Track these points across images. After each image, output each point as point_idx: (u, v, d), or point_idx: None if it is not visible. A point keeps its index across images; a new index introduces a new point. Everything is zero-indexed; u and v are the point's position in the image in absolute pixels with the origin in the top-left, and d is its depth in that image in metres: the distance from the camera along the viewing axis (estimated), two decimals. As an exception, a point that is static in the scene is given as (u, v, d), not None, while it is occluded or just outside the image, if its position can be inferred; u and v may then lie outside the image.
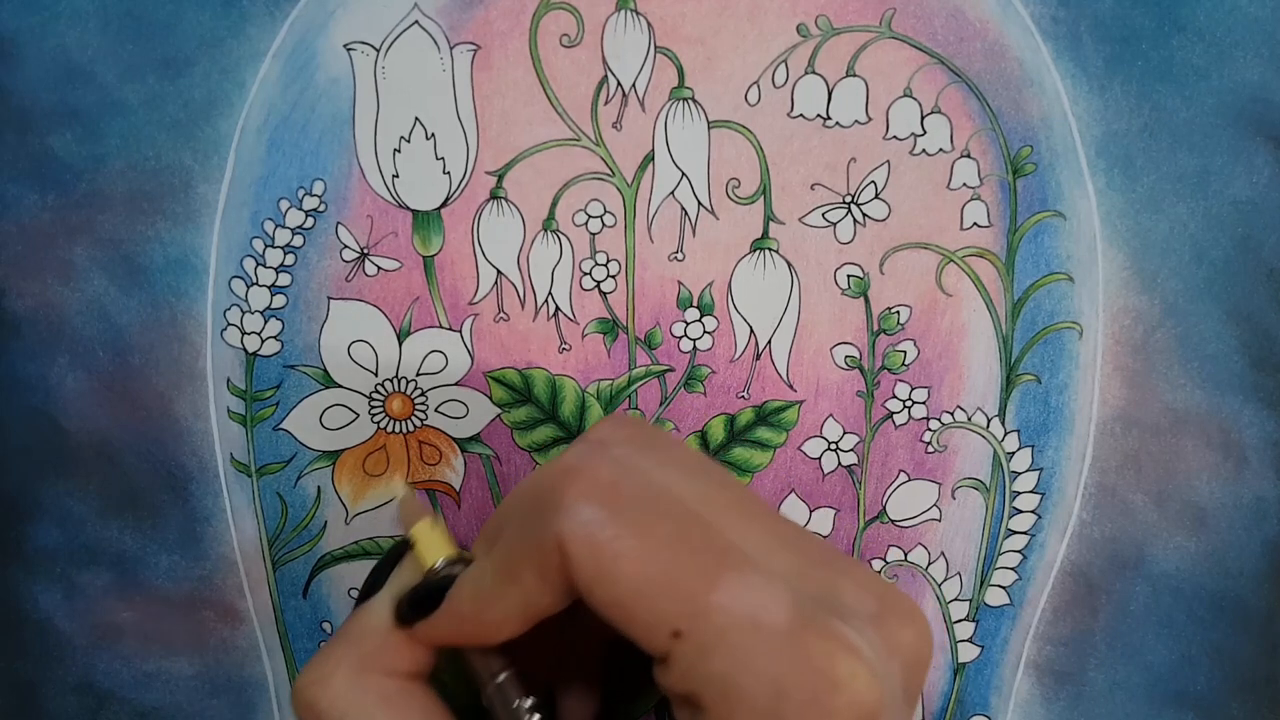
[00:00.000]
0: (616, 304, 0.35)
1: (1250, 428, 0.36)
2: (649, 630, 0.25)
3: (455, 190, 0.35)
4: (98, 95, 0.34)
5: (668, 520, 0.26)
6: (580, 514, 0.26)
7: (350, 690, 0.28)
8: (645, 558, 0.25)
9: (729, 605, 0.25)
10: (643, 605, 0.25)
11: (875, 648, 0.25)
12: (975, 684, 0.37)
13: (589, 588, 0.25)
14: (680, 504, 0.27)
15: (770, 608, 0.25)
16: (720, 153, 0.35)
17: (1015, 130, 0.35)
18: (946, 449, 0.36)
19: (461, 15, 0.34)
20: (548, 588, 0.26)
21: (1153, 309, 0.36)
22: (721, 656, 0.25)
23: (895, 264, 0.36)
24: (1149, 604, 0.37)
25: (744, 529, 0.27)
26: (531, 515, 0.27)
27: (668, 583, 0.25)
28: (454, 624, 0.28)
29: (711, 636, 0.25)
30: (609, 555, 0.25)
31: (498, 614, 0.27)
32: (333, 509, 0.36)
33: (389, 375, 0.35)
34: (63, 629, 0.36)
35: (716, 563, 0.26)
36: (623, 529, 0.26)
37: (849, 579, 0.27)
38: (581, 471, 0.27)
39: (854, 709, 0.24)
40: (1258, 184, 0.35)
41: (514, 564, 0.27)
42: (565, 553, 0.25)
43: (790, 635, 0.25)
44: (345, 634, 0.30)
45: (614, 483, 0.27)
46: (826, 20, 0.35)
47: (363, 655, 0.29)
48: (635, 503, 0.26)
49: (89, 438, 0.35)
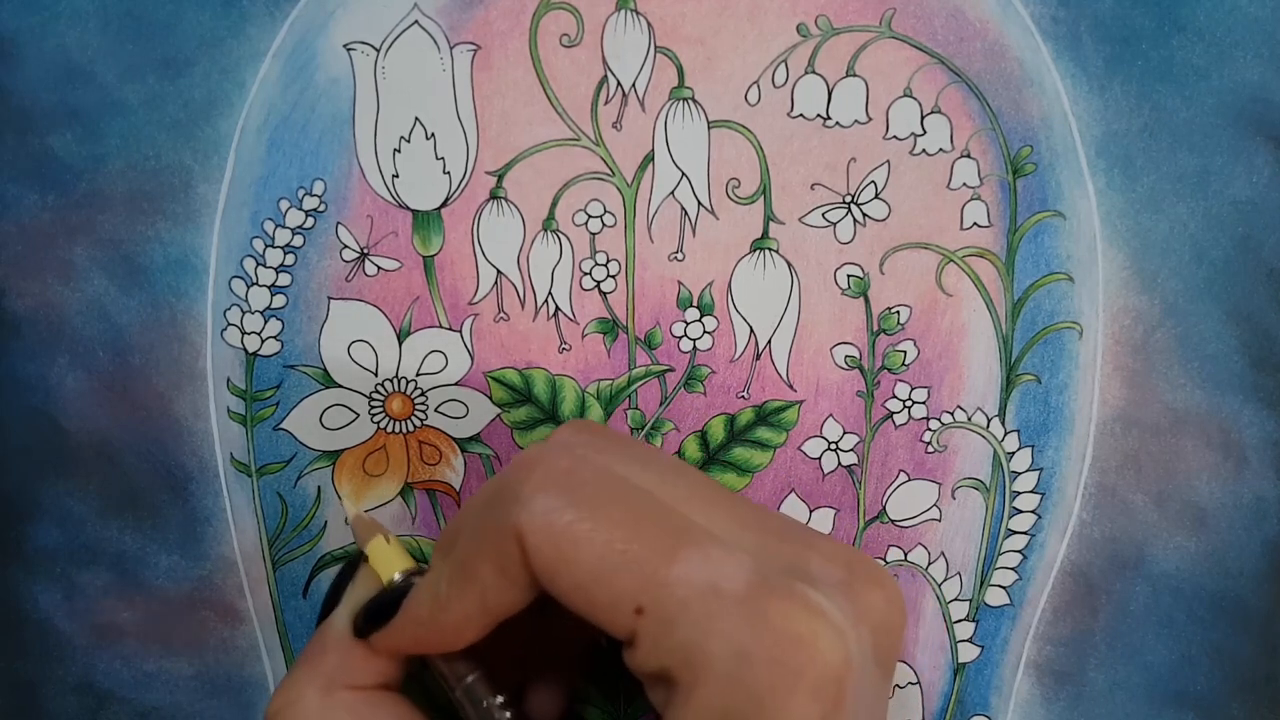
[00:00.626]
0: (616, 304, 0.35)
1: (1250, 428, 0.36)
2: (611, 610, 0.25)
3: (455, 190, 0.35)
4: (98, 95, 0.34)
5: (624, 503, 0.26)
6: (537, 503, 0.26)
7: (318, 711, 0.29)
8: (603, 539, 0.25)
9: (688, 576, 0.25)
10: (603, 586, 0.25)
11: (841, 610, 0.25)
12: (975, 684, 0.37)
13: (550, 575, 0.26)
14: (636, 488, 0.27)
15: (730, 575, 0.25)
16: (720, 153, 0.35)
17: (1015, 130, 0.35)
18: (946, 449, 0.36)
19: (461, 15, 0.34)
20: (507, 582, 0.26)
21: (1153, 309, 0.36)
22: (684, 627, 0.25)
23: (895, 264, 0.36)
24: (1149, 604, 0.37)
25: (705, 511, 0.27)
26: (488, 513, 0.27)
27: (626, 561, 0.25)
28: (412, 630, 0.28)
29: (673, 608, 0.25)
30: (568, 540, 0.25)
31: (456, 616, 0.27)
32: (333, 509, 0.36)
33: (389, 375, 0.35)
34: (63, 629, 0.36)
35: (674, 538, 0.26)
36: (579, 513, 0.26)
37: (815, 551, 0.27)
38: (539, 462, 0.27)
39: (819, 667, 0.24)
40: (1258, 184, 0.35)
41: (471, 562, 0.27)
42: (524, 542, 0.26)
43: (750, 599, 0.25)
44: (307, 654, 0.30)
45: (569, 470, 0.27)
46: (826, 20, 0.35)
47: (327, 673, 0.29)
48: (591, 488, 0.27)
49: (89, 438, 0.35)
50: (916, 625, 0.37)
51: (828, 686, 0.24)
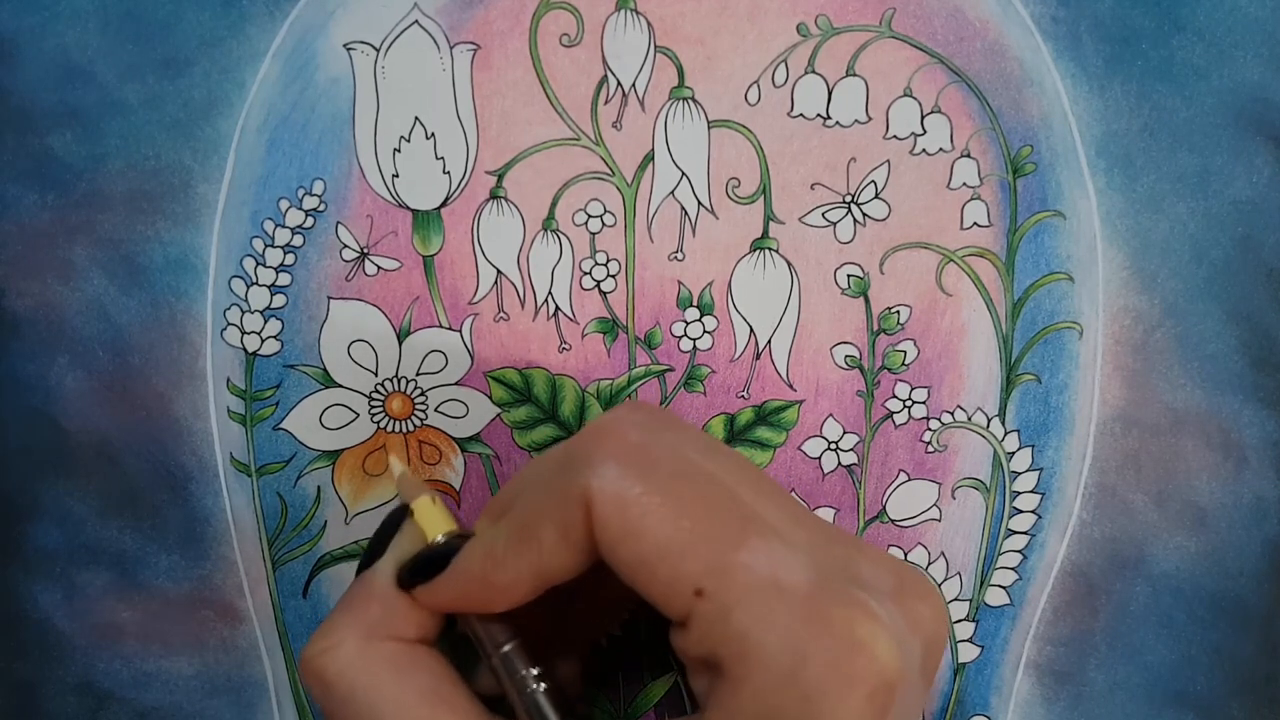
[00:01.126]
0: (616, 304, 0.35)
1: (1250, 428, 0.36)
2: (671, 589, 0.25)
3: (455, 190, 0.35)
4: (98, 95, 0.34)
5: (694, 484, 0.26)
6: (609, 471, 0.26)
7: (358, 657, 0.28)
8: (672, 516, 0.25)
9: (753, 566, 0.25)
10: (667, 563, 0.25)
11: (895, 620, 0.25)
12: (975, 684, 0.37)
13: (613, 545, 0.25)
14: (705, 471, 0.27)
15: (793, 571, 0.25)
16: (720, 152, 0.35)
17: (1015, 130, 0.35)
18: (946, 449, 0.36)
19: (461, 15, 0.34)
20: (567, 547, 0.26)
21: (1153, 309, 0.36)
22: (743, 616, 0.24)
23: (895, 264, 0.36)
24: (1149, 604, 0.37)
25: (763, 503, 0.27)
26: (555, 476, 0.27)
27: (693, 541, 0.25)
28: (461, 586, 0.28)
29: (734, 595, 0.25)
30: (636, 512, 0.25)
31: (509, 575, 0.27)
32: (333, 509, 0.36)
33: (389, 375, 0.35)
34: (63, 629, 0.36)
35: (741, 526, 0.26)
36: (650, 487, 0.26)
37: (865, 557, 0.27)
38: (611, 433, 0.27)
39: (875, 675, 0.24)
40: (1258, 184, 0.35)
41: (532, 522, 0.27)
42: (591, 509, 0.25)
43: (812, 599, 0.25)
44: (349, 602, 0.29)
45: (643, 445, 0.27)
46: (826, 20, 0.35)
47: (369, 622, 0.29)
48: (662, 465, 0.26)
49: (89, 438, 0.35)
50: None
51: (880, 694, 0.24)
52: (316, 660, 0.28)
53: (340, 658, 0.28)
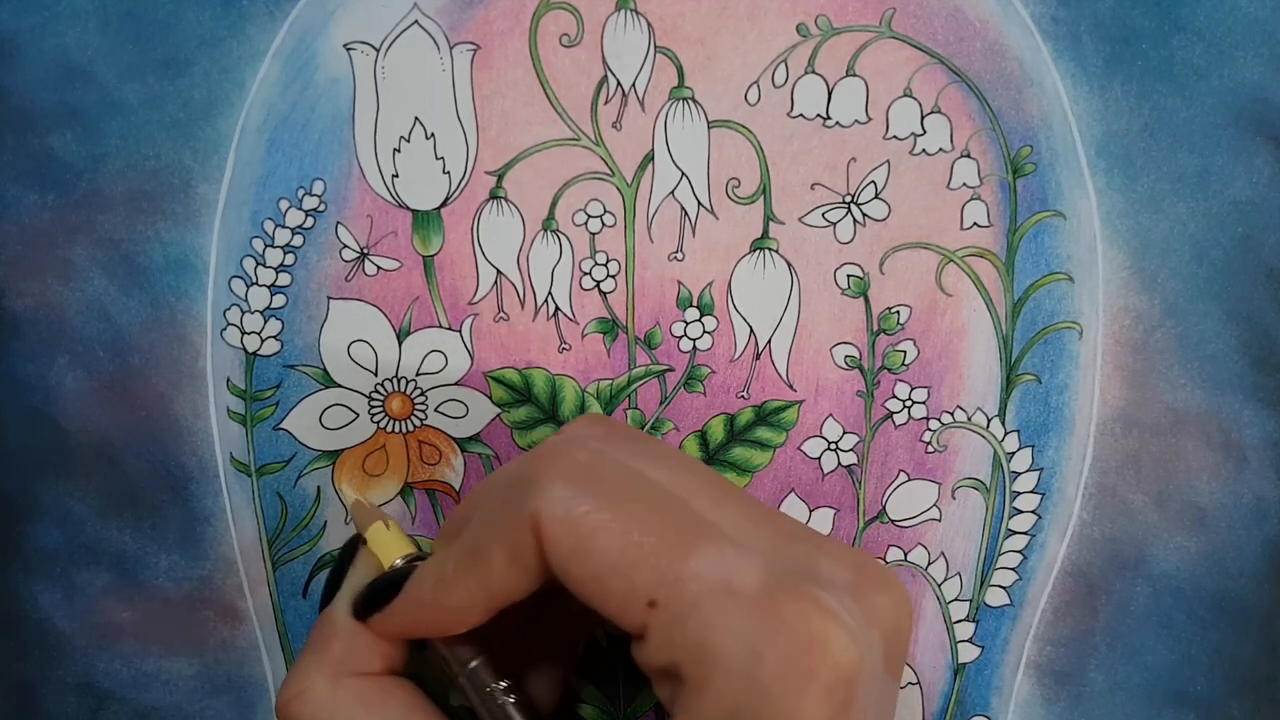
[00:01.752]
0: (616, 304, 0.35)
1: (1250, 428, 0.36)
2: (625, 603, 0.25)
3: (455, 190, 0.35)
4: (98, 95, 0.34)
5: (642, 497, 0.26)
6: (556, 491, 0.26)
7: (328, 700, 0.28)
8: (620, 531, 0.25)
9: (703, 572, 0.25)
10: (618, 578, 0.25)
11: (852, 613, 0.25)
12: (975, 684, 0.37)
13: (564, 564, 0.26)
14: (654, 484, 0.27)
15: (744, 573, 0.25)
16: (720, 152, 0.35)
17: (1015, 130, 0.35)
18: (946, 449, 0.36)
19: (461, 15, 0.34)
20: (517, 569, 0.26)
21: (1153, 309, 0.36)
22: (697, 622, 0.25)
23: (895, 264, 0.36)
24: (1149, 604, 0.37)
25: (718, 509, 0.27)
26: (503, 499, 0.27)
27: (642, 554, 0.25)
28: (414, 612, 0.28)
29: (686, 604, 0.25)
30: (585, 530, 0.25)
31: (461, 598, 0.27)
32: (333, 509, 0.36)
33: (389, 375, 0.35)
34: (63, 629, 0.36)
35: (690, 535, 0.26)
36: (598, 505, 0.26)
37: (824, 553, 0.27)
38: (558, 454, 0.27)
39: (831, 669, 0.24)
40: (1258, 184, 0.35)
41: (482, 546, 0.27)
42: (540, 530, 0.26)
43: (764, 598, 0.25)
44: (312, 642, 0.30)
45: (590, 464, 0.27)
46: (826, 20, 0.35)
47: (333, 661, 0.29)
48: (610, 482, 0.27)
49: (89, 438, 0.35)
50: (917, 625, 0.37)
51: (839, 688, 0.24)
52: (290, 707, 0.29)
53: (311, 702, 0.28)
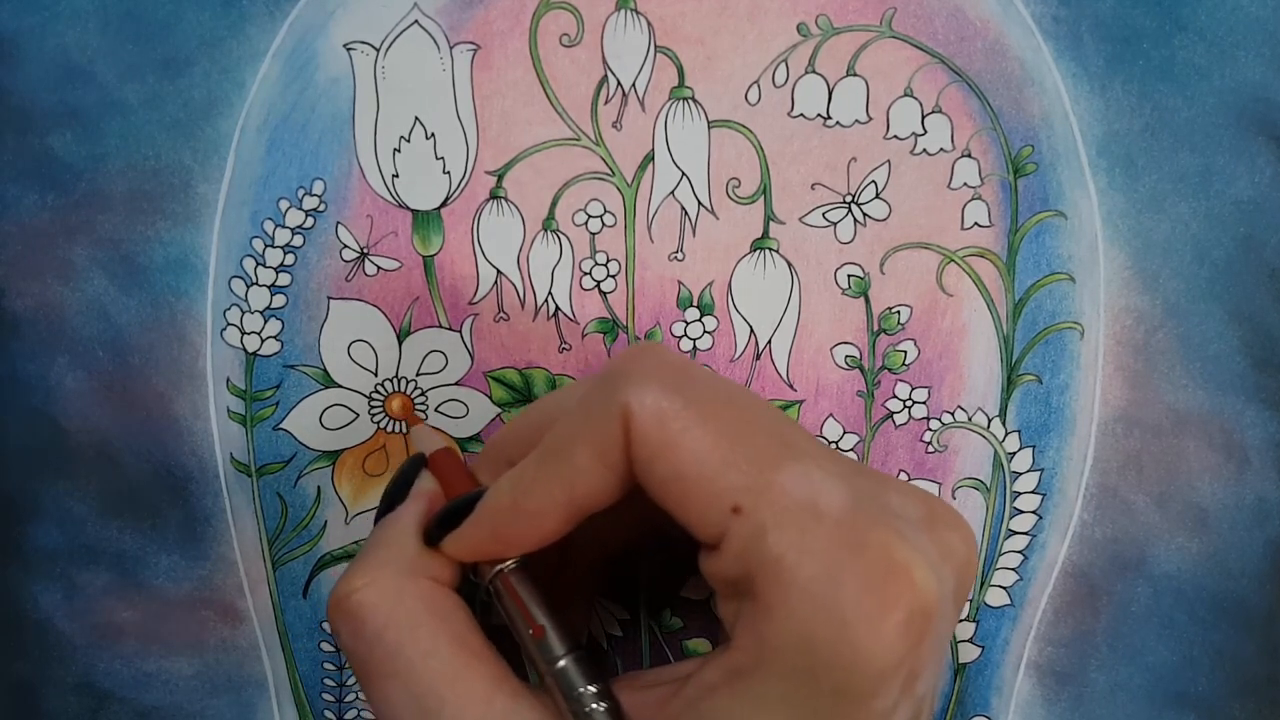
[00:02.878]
0: (616, 304, 0.35)
1: (1252, 428, 0.36)
2: (707, 505, 0.25)
3: (455, 190, 0.35)
4: (98, 95, 0.34)
5: (733, 404, 0.26)
6: (649, 386, 0.25)
7: (395, 594, 0.27)
8: (712, 431, 0.25)
9: (792, 487, 0.24)
10: (705, 479, 0.25)
11: (929, 548, 0.25)
12: (976, 684, 0.37)
13: (650, 460, 0.25)
14: (743, 396, 0.27)
15: (830, 495, 0.24)
16: (720, 152, 0.35)
17: (1016, 130, 0.35)
18: (947, 449, 0.36)
19: (461, 15, 0.34)
20: (602, 467, 0.25)
21: (1154, 309, 0.36)
22: (779, 537, 0.24)
23: (896, 264, 0.36)
24: (1150, 605, 0.37)
25: (799, 433, 0.27)
26: (590, 396, 0.26)
27: (732, 458, 0.25)
28: (489, 523, 0.27)
29: (772, 515, 0.24)
30: (676, 427, 0.25)
31: (540, 501, 0.26)
32: (333, 509, 0.36)
33: (389, 375, 0.35)
34: (63, 629, 0.36)
35: (781, 447, 0.25)
36: (690, 403, 0.25)
37: (894, 488, 0.27)
38: (651, 351, 0.27)
39: (912, 599, 0.24)
40: (1260, 184, 0.35)
41: (567, 443, 0.26)
42: (630, 422, 0.25)
43: (849, 523, 0.24)
44: (379, 542, 0.29)
45: (684, 365, 0.26)
46: (827, 20, 0.35)
47: (405, 559, 0.28)
48: (703, 384, 0.26)
49: (89, 438, 0.35)
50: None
51: (917, 619, 0.24)
52: (352, 597, 0.27)
53: (375, 594, 0.27)
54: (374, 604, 0.27)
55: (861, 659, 0.23)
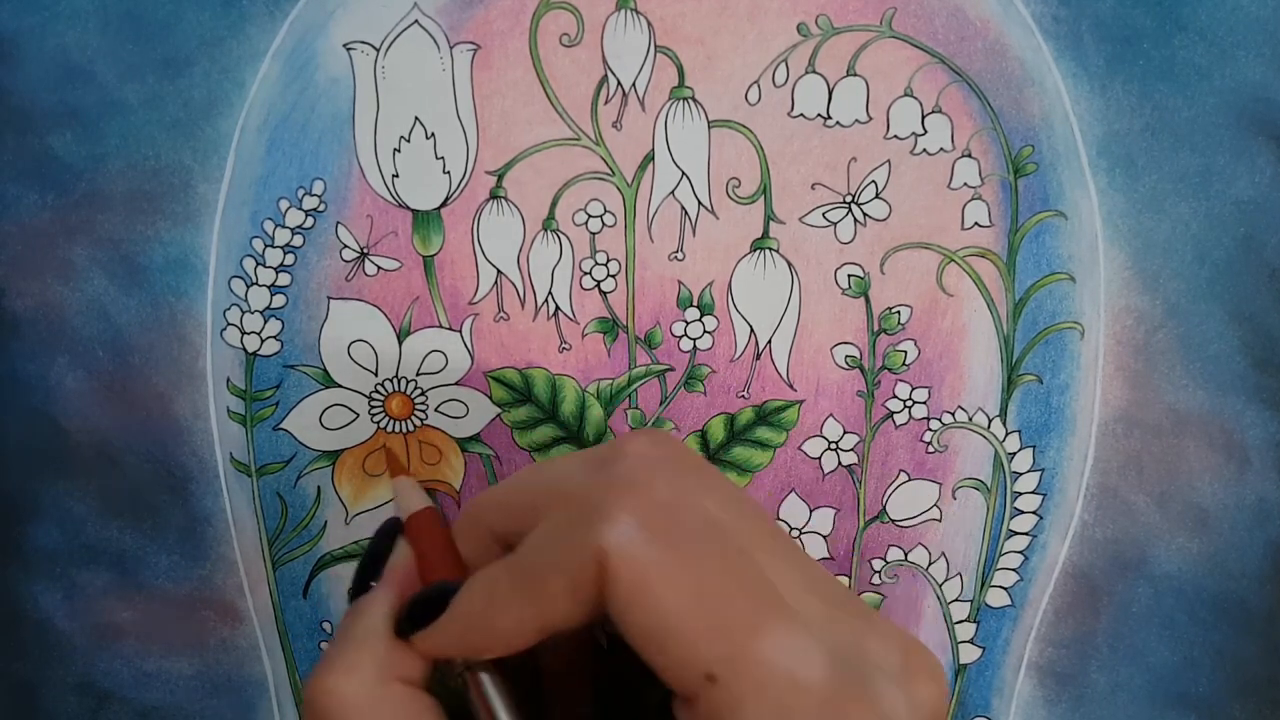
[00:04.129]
0: (616, 303, 0.35)
1: (1252, 429, 0.36)
2: (682, 667, 0.24)
3: (455, 190, 0.35)
4: (98, 95, 0.34)
5: (716, 555, 0.25)
6: (629, 530, 0.24)
7: (370, 701, 0.27)
8: (691, 591, 0.24)
9: (770, 658, 0.24)
10: (680, 641, 0.24)
11: (902, 707, 0.24)
12: (977, 685, 0.37)
13: (623, 610, 0.24)
14: (728, 538, 0.25)
15: (809, 664, 0.24)
16: (720, 152, 0.35)
17: (1016, 130, 0.35)
18: (947, 449, 0.36)
19: (461, 15, 0.34)
20: (574, 601, 0.25)
21: (1154, 309, 0.36)
22: (755, 710, 0.23)
23: (896, 264, 0.35)
24: (1151, 605, 0.37)
25: (779, 568, 0.26)
26: (570, 524, 0.25)
27: (710, 623, 0.24)
28: (460, 630, 0.27)
29: (748, 687, 0.23)
30: (655, 580, 0.24)
31: (511, 621, 0.26)
32: (333, 509, 0.36)
33: (389, 375, 0.35)
34: (63, 629, 0.36)
35: (761, 608, 0.24)
36: (671, 555, 0.24)
37: (874, 631, 0.26)
38: (636, 486, 0.25)
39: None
40: (1260, 184, 0.35)
41: (540, 571, 0.25)
42: (606, 568, 0.24)
43: (828, 699, 0.23)
44: (350, 636, 0.28)
45: (669, 504, 0.25)
46: (827, 20, 0.35)
47: (380, 660, 0.28)
48: (687, 529, 0.25)
49: (89, 438, 0.35)
50: (917, 626, 0.37)
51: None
52: (324, 700, 0.27)
53: (349, 698, 0.27)
54: (347, 709, 0.27)
55: None
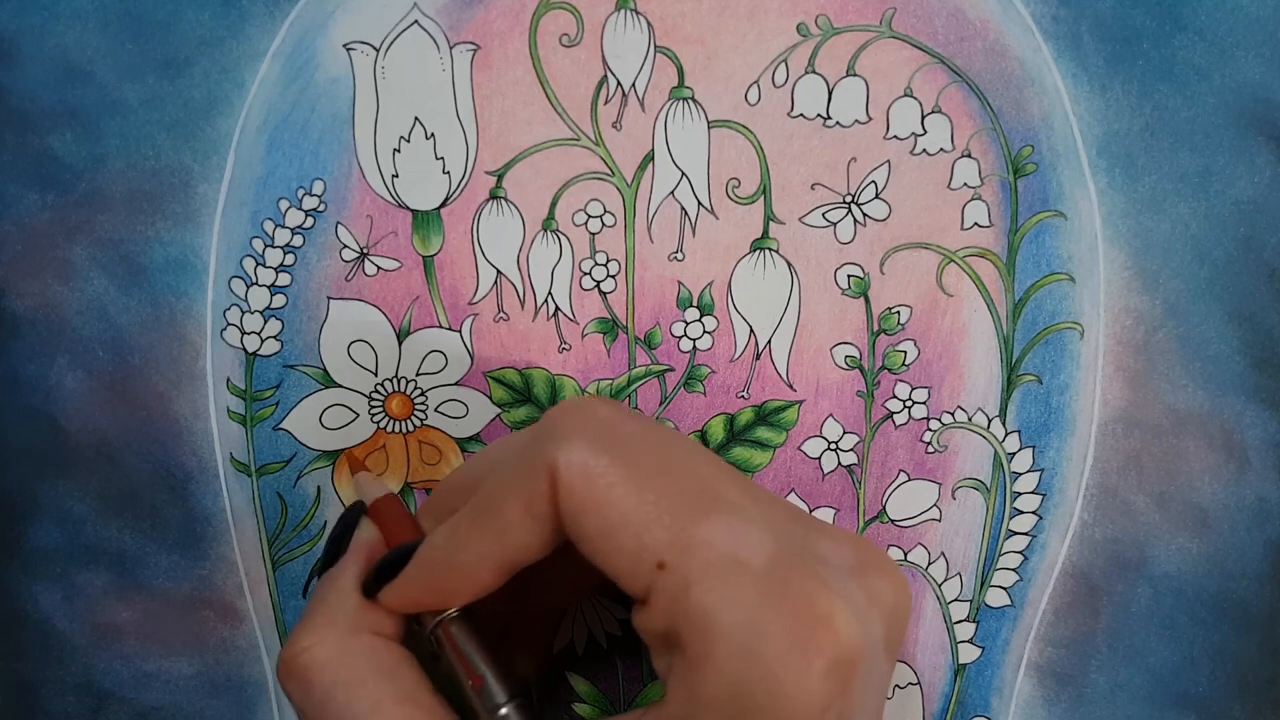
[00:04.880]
0: (616, 304, 0.35)
1: (1252, 429, 0.36)
2: (633, 562, 0.25)
3: (455, 190, 0.35)
4: (98, 95, 0.34)
5: (659, 459, 0.26)
6: (575, 442, 0.26)
7: (341, 653, 0.28)
8: (636, 488, 0.25)
9: (713, 540, 0.25)
10: (630, 535, 0.25)
11: (855, 594, 0.25)
12: (976, 685, 0.37)
13: (576, 516, 0.25)
14: (671, 448, 0.27)
15: (753, 546, 0.25)
16: (720, 152, 0.35)
17: (1016, 130, 0.35)
18: (947, 449, 0.36)
19: (461, 15, 0.34)
20: (531, 522, 0.26)
21: (1154, 309, 0.36)
22: (703, 591, 0.24)
23: (896, 264, 0.35)
24: (1151, 605, 0.37)
25: (726, 480, 0.27)
26: (520, 452, 0.27)
27: (656, 514, 0.25)
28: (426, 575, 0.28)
29: (695, 570, 0.25)
30: (602, 483, 0.25)
31: (475, 554, 0.27)
32: (333, 509, 0.36)
33: (389, 375, 0.35)
34: (63, 629, 0.36)
35: (704, 501, 0.26)
36: (616, 459, 0.26)
37: (824, 535, 0.27)
38: (579, 407, 0.27)
39: (834, 647, 0.24)
40: (1259, 184, 0.35)
41: (497, 498, 0.27)
42: (557, 479, 0.25)
43: (771, 574, 0.25)
44: (322, 600, 0.29)
45: (610, 420, 0.27)
46: (827, 20, 0.35)
47: (347, 617, 0.29)
48: (629, 439, 0.26)
49: (89, 438, 0.35)
50: (917, 625, 0.37)
51: (841, 667, 0.24)
52: (299, 659, 0.28)
53: (322, 654, 0.28)
54: (321, 663, 0.28)
55: (788, 707, 0.24)
